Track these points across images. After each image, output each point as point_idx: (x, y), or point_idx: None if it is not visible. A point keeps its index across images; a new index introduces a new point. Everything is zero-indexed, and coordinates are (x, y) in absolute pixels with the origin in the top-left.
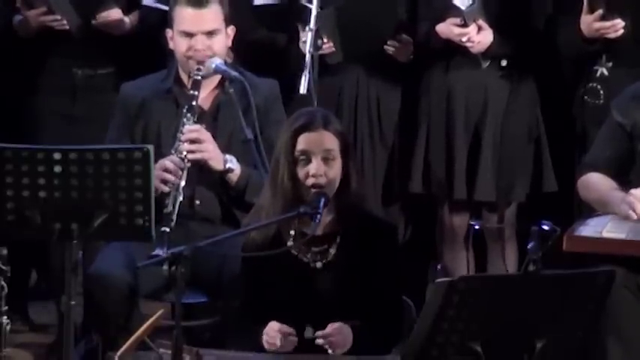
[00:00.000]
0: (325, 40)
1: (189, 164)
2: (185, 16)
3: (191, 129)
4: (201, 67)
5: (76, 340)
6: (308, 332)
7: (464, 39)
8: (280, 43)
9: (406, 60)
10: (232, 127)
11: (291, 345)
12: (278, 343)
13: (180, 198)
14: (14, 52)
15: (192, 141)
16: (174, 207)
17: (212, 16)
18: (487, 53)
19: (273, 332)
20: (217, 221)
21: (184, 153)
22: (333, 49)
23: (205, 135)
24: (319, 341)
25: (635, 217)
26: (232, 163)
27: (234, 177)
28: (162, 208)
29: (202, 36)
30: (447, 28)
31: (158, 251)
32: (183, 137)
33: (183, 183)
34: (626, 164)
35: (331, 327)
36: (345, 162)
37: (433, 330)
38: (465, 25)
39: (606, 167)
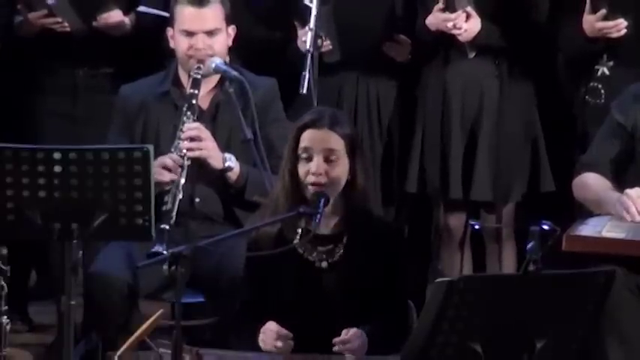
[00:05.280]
0: (323, 39)
1: (188, 162)
2: (186, 15)
3: (191, 127)
4: (201, 65)
5: (76, 340)
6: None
7: (449, 25)
8: (278, 41)
9: (404, 60)
10: (231, 126)
11: (287, 348)
12: (273, 344)
13: (180, 196)
14: (15, 52)
15: (192, 138)
16: (173, 204)
17: (213, 15)
18: (474, 42)
19: (270, 332)
20: (218, 219)
21: (184, 151)
22: (331, 47)
23: (205, 133)
24: (337, 347)
25: (628, 218)
26: (231, 162)
27: (233, 175)
28: (161, 206)
29: (203, 35)
30: (433, 17)
31: (157, 248)
32: (183, 135)
33: (183, 181)
34: (624, 164)
35: (347, 333)
36: (352, 163)
37: (433, 330)
38: (448, 9)
39: (604, 167)
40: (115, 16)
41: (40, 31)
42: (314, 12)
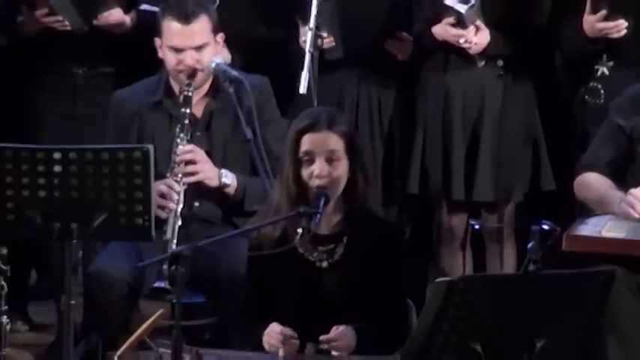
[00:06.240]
0: (325, 35)
1: (185, 186)
2: (174, 32)
3: (185, 150)
4: (192, 81)
5: (76, 340)
6: (310, 349)
7: (461, 40)
8: (279, 40)
9: (407, 58)
10: (226, 132)
11: (292, 348)
12: (278, 345)
13: (179, 223)
14: (15, 52)
15: (187, 162)
16: (172, 234)
17: (200, 30)
18: (484, 53)
19: (274, 334)
20: (217, 222)
21: (180, 175)
22: (333, 43)
23: (199, 155)
24: (323, 346)
25: (637, 215)
26: (227, 178)
27: (230, 190)
28: (160, 235)
29: (191, 51)
30: (443, 30)
31: (159, 284)
32: (177, 159)
33: (180, 207)
34: (623, 165)
35: (335, 331)
36: (351, 162)
37: (433, 330)
38: (460, 24)
39: (604, 167)
40: (115, 14)
41: (41, 31)
42: (314, 11)
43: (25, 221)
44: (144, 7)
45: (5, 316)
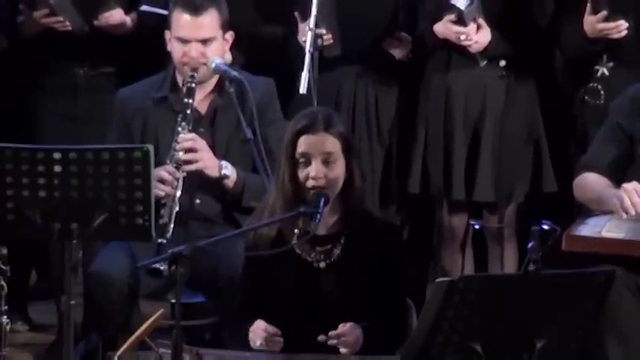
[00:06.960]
0: (324, 32)
1: (184, 173)
2: (181, 23)
3: (186, 138)
4: (195, 74)
5: (76, 340)
6: (321, 338)
7: (462, 37)
8: (280, 38)
9: (404, 58)
10: (230, 129)
11: (276, 345)
12: (259, 342)
13: (177, 208)
14: (16, 52)
15: (187, 150)
16: (170, 218)
17: (209, 23)
18: (485, 52)
19: (258, 331)
20: (217, 220)
21: (180, 162)
22: (332, 40)
23: (200, 144)
24: (332, 341)
25: (621, 212)
26: (227, 170)
27: (230, 183)
28: (157, 219)
29: (197, 43)
30: (444, 27)
31: (156, 264)
32: (178, 146)
33: (178, 193)
34: (623, 165)
35: (343, 327)
36: (348, 162)
37: (433, 330)
38: (460, 21)
39: (604, 168)
40: (116, 15)
41: (42, 31)
42: (314, 11)
43: (25, 221)
44: (144, 7)
45: (5, 316)
